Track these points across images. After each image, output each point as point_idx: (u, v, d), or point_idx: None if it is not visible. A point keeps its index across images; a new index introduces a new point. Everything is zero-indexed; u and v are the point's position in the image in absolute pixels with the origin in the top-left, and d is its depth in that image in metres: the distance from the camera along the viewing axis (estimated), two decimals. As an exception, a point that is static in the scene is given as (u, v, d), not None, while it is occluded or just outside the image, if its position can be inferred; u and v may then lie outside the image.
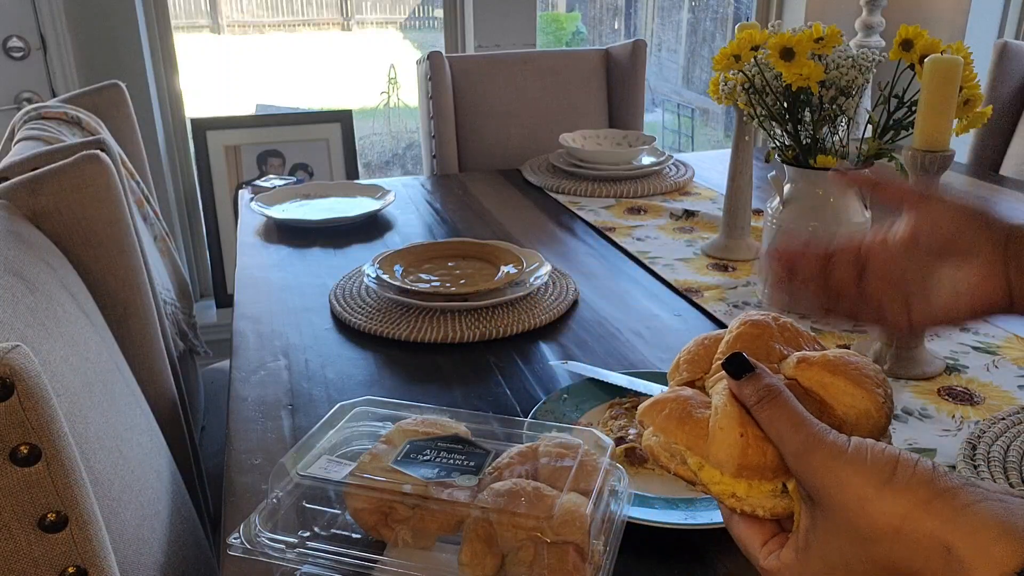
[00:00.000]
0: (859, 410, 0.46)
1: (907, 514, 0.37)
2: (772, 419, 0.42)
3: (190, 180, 2.34)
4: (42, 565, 0.51)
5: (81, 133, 1.20)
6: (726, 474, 0.44)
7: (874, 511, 0.38)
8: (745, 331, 0.51)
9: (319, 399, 0.87)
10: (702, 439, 0.45)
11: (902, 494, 0.37)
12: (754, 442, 0.43)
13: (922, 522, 0.36)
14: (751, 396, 0.43)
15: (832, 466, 0.39)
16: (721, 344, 0.51)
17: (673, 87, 5.80)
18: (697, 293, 1.12)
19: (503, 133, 1.99)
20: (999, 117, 1.87)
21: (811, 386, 0.46)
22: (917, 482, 0.37)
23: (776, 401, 0.42)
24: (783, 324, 0.51)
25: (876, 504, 0.38)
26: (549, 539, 0.51)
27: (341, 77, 6.62)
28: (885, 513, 0.37)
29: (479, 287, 1.06)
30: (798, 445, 0.41)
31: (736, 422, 0.44)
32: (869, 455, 0.39)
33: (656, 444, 0.48)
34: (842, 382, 0.46)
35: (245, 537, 0.55)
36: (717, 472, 0.45)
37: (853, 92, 0.99)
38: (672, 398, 0.48)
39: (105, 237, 0.90)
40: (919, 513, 0.37)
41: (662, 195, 1.59)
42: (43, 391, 0.50)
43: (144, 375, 0.97)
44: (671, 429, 0.47)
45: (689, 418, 0.46)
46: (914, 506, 0.37)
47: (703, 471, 0.46)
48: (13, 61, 1.98)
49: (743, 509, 0.44)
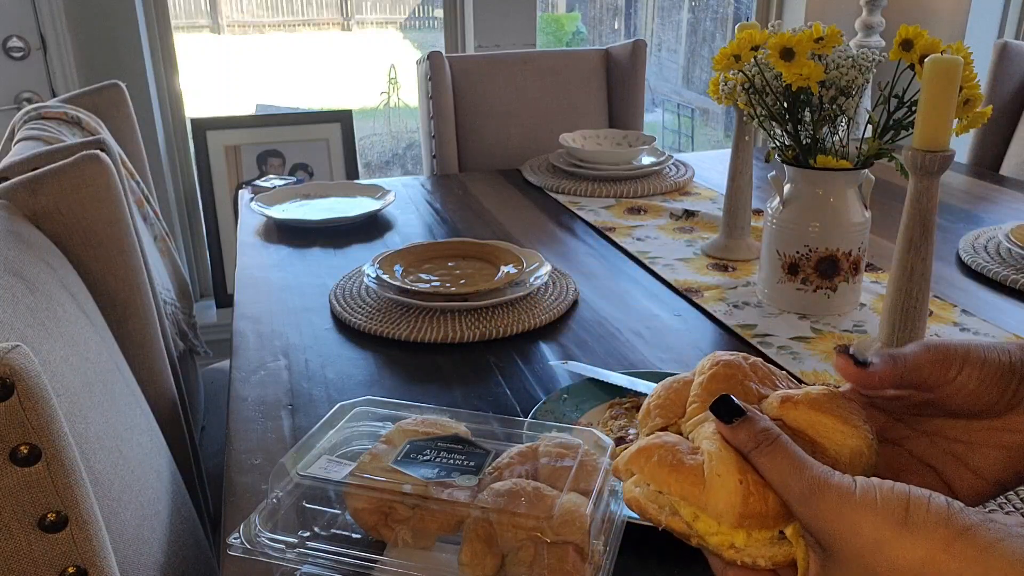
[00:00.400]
0: (851, 448, 0.44)
1: (928, 558, 0.35)
2: (772, 464, 0.40)
3: (190, 180, 2.34)
4: (42, 565, 0.51)
5: (81, 133, 1.20)
6: (725, 524, 0.42)
7: (893, 555, 0.36)
8: (719, 372, 0.47)
9: (319, 399, 0.87)
10: (697, 487, 0.42)
11: (921, 537, 0.35)
12: (755, 488, 0.41)
13: (946, 565, 0.35)
14: (747, 442, 0.41)
15: (842, 510, 0.37)
16: (694, 386, 0.48)
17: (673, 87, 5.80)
18: (697, 293, 1.12)
19: (503, 133, 1.99)
20: (999, 117, 1.87)
21: (799, 426, 0.44)
22: (934, 522, 0.36)
23: (775, 445, 0.40)
24: (754, 363, 0.48)
25: (894, 548, 0.36)
26: (549, 539, 0.51)
27: (341, 77, 6.62)
28: (905, 557, 0.36)
29: (479, 287, 1.06)
30: (803, 490, 0.39)
31: (734, 468, 0.41)
32: (879, 495, 0.37)
33: (642, 495, 0.44)
34: (831, 420, 0.44)
35: (245, 537, 0.55)
36: (714, 522, 0.42)
37: (853, 92, 0.99)
38: (659, 444, 0.44)
39: (105, 237, 0.90)
40: (942, 556, 0.35)
41: (662, 195, 1.59)
42: (43, 391, 0.50)
43: (144, 375, 0.97)
44: (662, 478, 0.43)
45: (681, 465, 0.43)
46: (935, 549, 0.35)
47: (698, 522, 0.43)
48: (13, 61, 1.98)
49: (742, 560, 0.42)
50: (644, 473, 0.44)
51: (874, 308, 1.07)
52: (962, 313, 1.05)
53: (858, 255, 1.03)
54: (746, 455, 0.41)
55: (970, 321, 1.02)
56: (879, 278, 1.16)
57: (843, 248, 1.02)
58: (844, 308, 1.05)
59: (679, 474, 0.43)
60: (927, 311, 0.88)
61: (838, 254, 1.02)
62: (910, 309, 0.87)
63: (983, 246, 1.26)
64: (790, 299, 1.05)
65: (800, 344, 0.97)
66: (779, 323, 1.03)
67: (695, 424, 0.46)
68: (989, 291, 1.13)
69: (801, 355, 0.95)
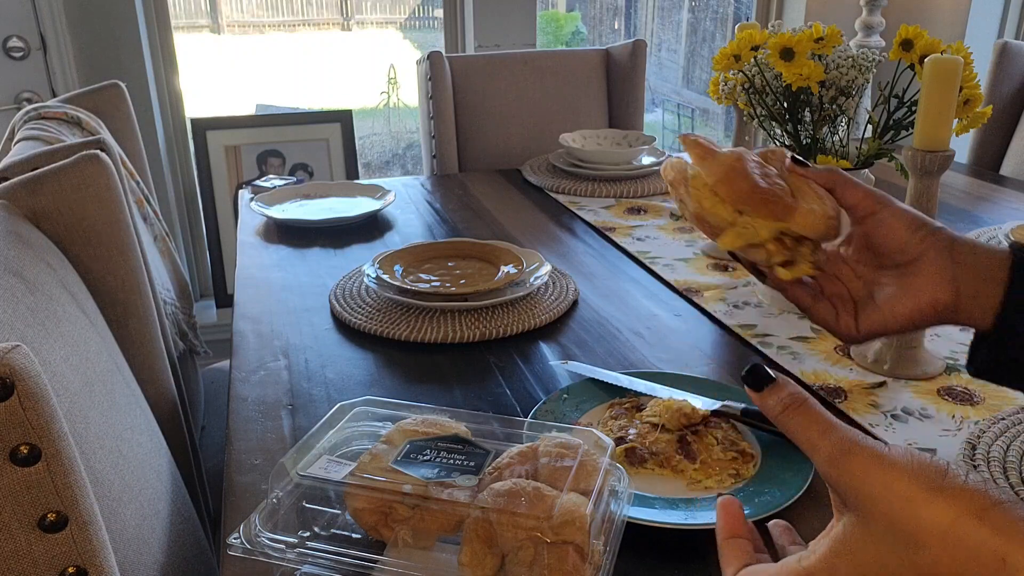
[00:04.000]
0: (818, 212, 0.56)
1: (958, 520, 0.35)
2: (801, 426, 0.41)
3: (190, 180, 2.34)
4: (42, 565, 0.51)
5: (81, 133, 1.20)
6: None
7: (924, 514, 0.36)
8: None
9: (319, 399, 0.87)
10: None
11: (954, 500, 0.36)
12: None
13: (975, 529, 0.35)
14: (775, 406, 0.42)
15: (873, 469, 0.38)
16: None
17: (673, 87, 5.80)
18: (697, 293, 1.12)
19: (503, 133, 1.99)
20: (999, 117, 1.87)
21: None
22: (971, 490, 0.36)
23: (802, 408, 0.41)
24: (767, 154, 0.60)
25: (926, 507, 0.36)
26: (549, 539, 0.51)
27: (341, 77, 6.62)
28: (935, 517, 0.36)
29: (479, 287, 1.06)
30: (832, 450, 0.39)
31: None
32: (916, 460, 0.37)
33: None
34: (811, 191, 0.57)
35: (245, 537, 0.55)
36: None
37: (853, 92, 0.99)
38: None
39: (105, 237, 0.90)
40: (972, 521, 0.35)
41: (662, 195, 1.59)
42: (43, 391, 0.50)
43: (144, 375, 0.97)
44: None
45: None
46: (967, 513, 0.35)
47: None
48: (13, 61, 1.98)
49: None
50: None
51: (874, 308, 1.07)
52: (962, 313, 1.05)
53: (858, 255, 1.03)
54: (774, 420, 0.43)
55: (970, 321, 1.02)
56: (879, 278, 1.16)
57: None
58: (844, 308, 1.05)
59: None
60: (927, 311, 0.88)
61: (838, 254, 1.02)
62: (910, 309, 0.87)
63: (983, 246, 1.26)
64: (790, 299, 1.05)
65: (800, 344, 0.97)
66: (779, 323, 1.03)
67: None
68: (989, 291, 1.12)
69: (801, 355, 0.95)
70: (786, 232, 0.55)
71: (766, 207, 0.53)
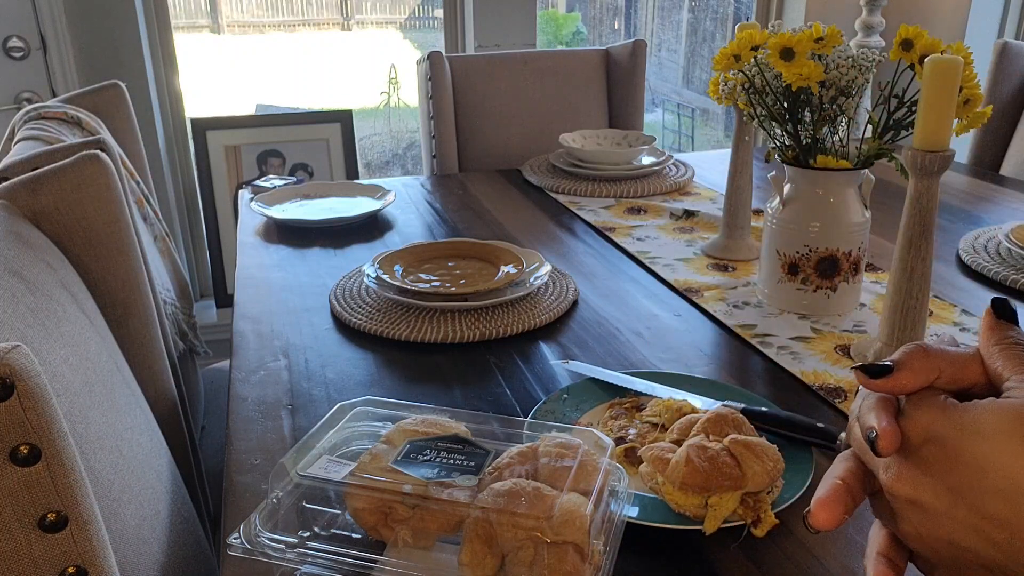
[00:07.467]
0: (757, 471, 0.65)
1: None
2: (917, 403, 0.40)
3: (190, 180, 2.34)
4: (42, 565, 0.51)
5: (81, 133, 1.20)
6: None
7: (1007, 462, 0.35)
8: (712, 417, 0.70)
9: (319, 399, 0.87)
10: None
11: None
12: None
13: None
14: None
15: (952, 413, 0.38)
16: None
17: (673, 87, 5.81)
18: (697, 293, 1.12)
19: (503, 133, 1.99)
20: (999, 117, 1.88)
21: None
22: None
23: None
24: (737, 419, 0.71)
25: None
26: (549, 539, 0.51)
27: (341, 77, 6.62)
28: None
29: (479, 287, 1.06)
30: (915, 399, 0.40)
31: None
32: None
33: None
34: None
35: (245, 537, 0.55)
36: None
37: (853, 92, 0.99)
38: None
39: (105, 237, 0.90)
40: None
41: (662, 195, 1.59)
42: (43, 391, 0.50)
43: (144, 375, 0.97)
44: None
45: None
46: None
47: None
48: (13, 61, 1.98)
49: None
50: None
51: (874, 308, 1.07)
52: (962, 313, 1.05)
53: (858, 255, 1.03)
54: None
55: (970, 321, 1.02)
56: (879, 278, 1.16)
57: (843, 248, 1.02)
58: (844, 308, 1.05)
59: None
60: (927, 311, 0.88)
61: (838, 254, 1.02)
62: (910, 309, 0.87)
63: (983, 246, 1.26)
64: (790, 299, 1.05)
65: (800, 344, 0.97)
66: (779, 323, 1.03)
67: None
68: (989, 291, 1.13)
69: (801, 355, 0.95)
70: (747, 493, 0.65)
71: (724, 483, 0.64)
